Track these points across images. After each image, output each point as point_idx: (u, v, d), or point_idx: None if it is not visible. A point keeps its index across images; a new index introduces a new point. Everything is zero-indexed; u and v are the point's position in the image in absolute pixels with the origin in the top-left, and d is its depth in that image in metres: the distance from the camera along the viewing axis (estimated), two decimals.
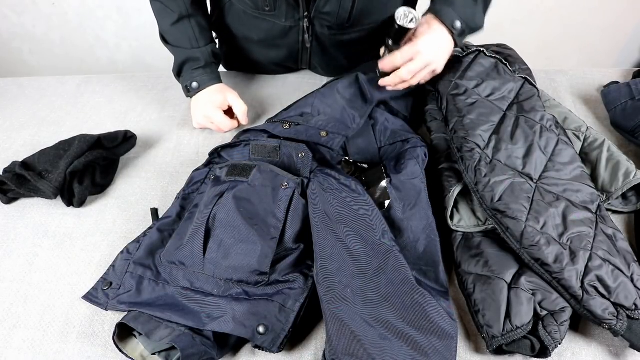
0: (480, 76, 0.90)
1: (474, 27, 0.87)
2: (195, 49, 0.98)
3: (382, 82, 0.87)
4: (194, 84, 0.98)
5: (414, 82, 0.87)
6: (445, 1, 0.84)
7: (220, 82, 1.01)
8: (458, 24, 0.83)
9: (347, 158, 0.86)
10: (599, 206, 0.76)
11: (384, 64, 0.86)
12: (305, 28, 0.94)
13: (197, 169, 0.87)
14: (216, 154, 0.88)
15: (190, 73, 0.99)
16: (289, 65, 1.12)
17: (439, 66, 0.87)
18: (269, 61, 1.10)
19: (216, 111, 0.96)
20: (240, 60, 1.15)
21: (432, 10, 0.85)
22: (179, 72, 1.01)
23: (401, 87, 0.88)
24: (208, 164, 0.88)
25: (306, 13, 0.90)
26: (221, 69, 1.25)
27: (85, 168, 0.88)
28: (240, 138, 0.89)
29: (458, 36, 0.84)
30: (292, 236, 0.72)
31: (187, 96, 1.00)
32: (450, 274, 0.76)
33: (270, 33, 0.99)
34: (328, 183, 0.74)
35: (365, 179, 0.82)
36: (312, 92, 0.97)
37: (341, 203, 0.72)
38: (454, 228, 0.77)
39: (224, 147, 0.87)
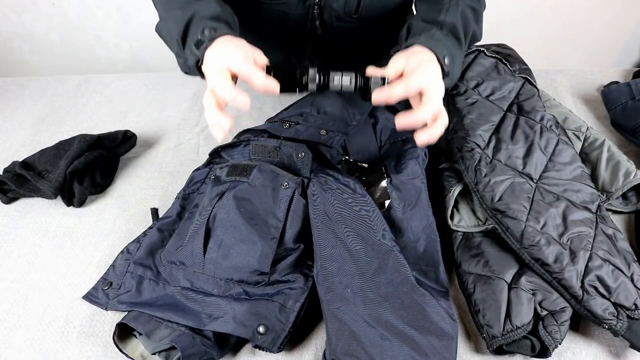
0: (481, 76, 0.90)
1: (456, 71, 0.73)
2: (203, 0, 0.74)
3: (383, 96, 0.65)
4: (207, 32, 0.68)
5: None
6: (431, 39, 0.70)
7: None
8: (447, 61, 0.69)
9: (347, 157, 0.86)
10: (599, 206, 0.76)
11: (410, 120, 0.66)
12: (316, 15, 0.93)
13: (198, 169, 0.87)
14: (216, 154, 0.88)
15: (201, 22, 0.70)
16: (291, 58, 1.11)
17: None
18: (272, 52, 1.09)
19: (235, 54, 0.66)
20: None
21: (419, 42, 0.69)
22: (184, 34, 0.71)
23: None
24: (208, 164, 0.88)
25: (317, 0, 0.90)
26: None
27: (85, 168, 0.88)
28: (240, 138, 0.89)
29: (444, 76, 0.69)
30: (292, 236, 0.72)
31: (197, 61, 0.69)
32: (450, 274, 0.76)
33: (278, 22, 0.98)
34: (328, 183, 0.74)
35: (365, 178, 0.82)
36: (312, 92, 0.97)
37: (341, 203, 0.72)
38: (454, 228, 0.77)
39: (224, 147, 0.87)
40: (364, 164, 0.85)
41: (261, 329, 0.65)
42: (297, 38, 1.00)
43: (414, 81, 0.64)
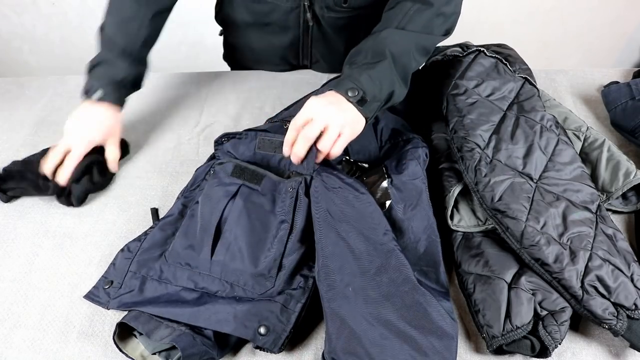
0: (481, 76, 0.90)
1: (378, 93, 0.76)
2: (126, 57, 0.90)
3: (292, 157, 0.75)
4: (98, 93, 0.89)
5: (325, 149, 0.73)
6: (347, 75, 0.77)
7: (121, 109, 0.92)
8: (353, 92, 0.74)
9: (347, 157, 0.86)
10: (599, 206, 0.76)
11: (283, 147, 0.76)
12: (307, 7, 0.93)
13: (200, 167, 0.87)
14: (221, 143, 0.87)
15: (100, 79, 0.90)
16: (290, 58, 1.12)
17: (344, 129, 0.73)
18: (271, 51, 1.10)
19: (82, 141, 0.87)
20: (244, 53, 1.15)
21: (330, 86, 0.78)
22: (91, 66, 0.92)
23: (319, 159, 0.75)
24: (211, 158, 0.88)
25: None
26: (224, 67, 1.25)
27: (84, 169, 0.88)
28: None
29: (358, 103, 0.74)
30: (296, 237, 0.72)
31: (84, 97, 0.91)
32: (451, 274, 0.76)
33: (271, 16, 0.98)
34: (331, 182, 0.74)
35: (366, 179, 0.82)
36: (312, 92, 0.97)
37: (344, 202, 0.72)
38: (454, 228, 0.77)
39: (229, 137, 0.86)
40: (364, 164, 0.85)
41: (262, 330, 0.65)
42: (291, 32, 1.01)
43: (308, 131, 0.72)
